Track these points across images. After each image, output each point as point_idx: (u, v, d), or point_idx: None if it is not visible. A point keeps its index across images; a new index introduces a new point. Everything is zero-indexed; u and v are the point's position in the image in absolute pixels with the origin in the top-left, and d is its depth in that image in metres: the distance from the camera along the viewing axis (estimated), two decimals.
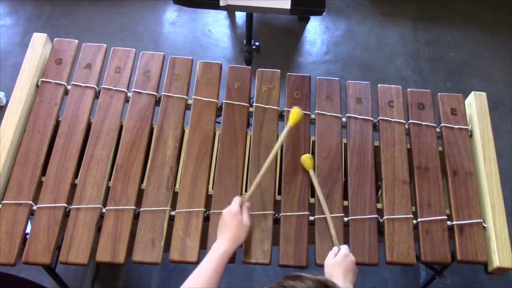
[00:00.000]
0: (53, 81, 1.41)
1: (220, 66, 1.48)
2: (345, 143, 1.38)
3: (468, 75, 2.54)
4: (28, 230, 1.20)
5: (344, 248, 1.14)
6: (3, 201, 1.22)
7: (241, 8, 1.64)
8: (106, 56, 1.49)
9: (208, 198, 1.27)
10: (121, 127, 1.36)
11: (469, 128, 1.41)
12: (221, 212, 1.15)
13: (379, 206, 1.29)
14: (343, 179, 1.32)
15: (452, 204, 1.28)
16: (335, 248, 1.16)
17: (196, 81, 1.45)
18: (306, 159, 1.29)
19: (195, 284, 1.00)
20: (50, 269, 1.46)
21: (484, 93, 1.45)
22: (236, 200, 1.15)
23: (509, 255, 1.20)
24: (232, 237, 1.09)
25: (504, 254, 1.19)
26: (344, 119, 1.41)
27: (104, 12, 2.67)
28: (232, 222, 1.11)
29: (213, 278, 1.01)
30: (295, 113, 1.25)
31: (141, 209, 1.23)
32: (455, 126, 1.40)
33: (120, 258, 1.17)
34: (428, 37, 2.68)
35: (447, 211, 1.29)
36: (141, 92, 1.41)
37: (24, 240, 1.19)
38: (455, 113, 1.43)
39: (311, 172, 1.28)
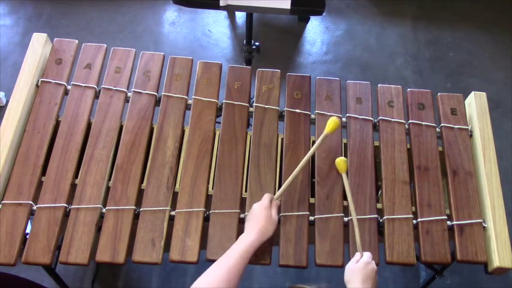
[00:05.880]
0: (53, 81, 1.41)
1: (220, 66, 1.48)
2: (345, 143, 1.38)
3: (468, 75, 2.54)
4: (28, 230, 1.20)
5: (366, 256, 1.14)
6: (3, 201, 1.22)
7: (241, 8, 1.64)
8: (106, 56, 1.49)
9: (208, 198, 1.27)
10: (121, 127, 1.36)
11: (469, 128, 1.41)
12: (221, 212, 1.16)
13: (379, 206, 1.29)
14: None
15: (452, 204, 1.28)
16: (357, 254, 1.16)
17: (196, 81, 1.45)
18: (340, 162, 1.29)
19: (219, 271, 0.99)
20: (50, 269, 1.46)
21: (484, 93, 1.45)
22: (266, 196, 1.18)
23: (509, 255, 1.20)
24: (261, 229, 1.10)
25: (504, 254, 1.19)
26: (344, 119, 1.41)
27: (104, 12, 2.67)
28: (262, 214, 1.13)
29: (237, 267, 1.00)
30: (332, 122, 1.26)
31: (141, 209, 1.23)
32: (455, 126, 1.40)
33: (120, 258, 1.17)
34: (428, 37, 2.68)
35: (447, 211, 1.29)
36: (141, 92, 1.41)
37: (24, 240, 1.18)
38: (455, 113, 1.43)
39: (343, 176, 1.28)
